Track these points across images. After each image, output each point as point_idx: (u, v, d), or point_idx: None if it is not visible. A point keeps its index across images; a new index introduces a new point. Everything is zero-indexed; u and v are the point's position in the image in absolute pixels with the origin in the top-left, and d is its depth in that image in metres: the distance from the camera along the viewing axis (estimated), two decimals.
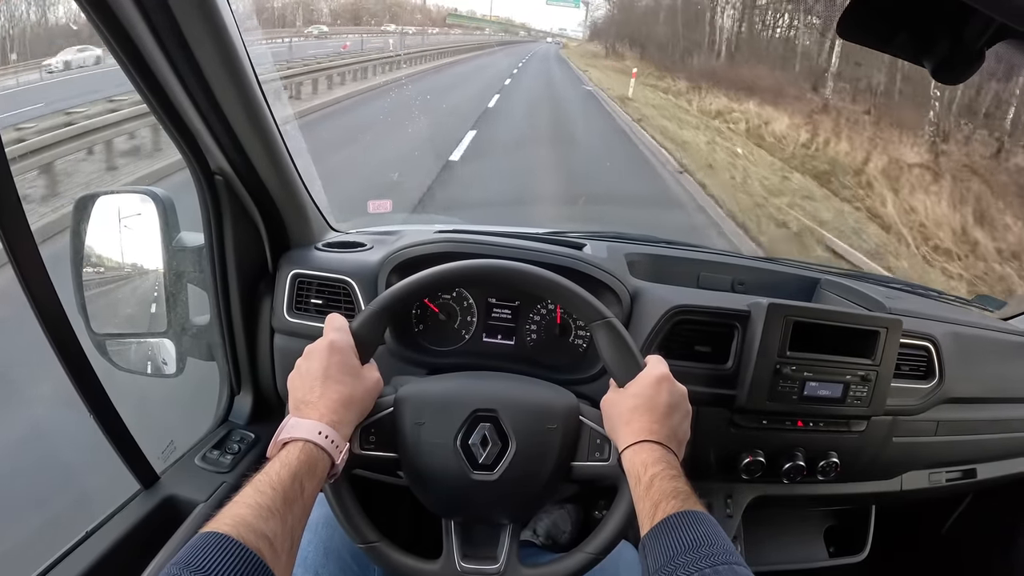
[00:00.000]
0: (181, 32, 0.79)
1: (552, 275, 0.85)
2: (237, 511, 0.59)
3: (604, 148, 9.45)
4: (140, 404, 1.21)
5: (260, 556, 0.56)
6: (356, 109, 10.76)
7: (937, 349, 1.16)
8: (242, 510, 0.59)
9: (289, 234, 1.15)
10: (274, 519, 0.60)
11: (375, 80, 13.91)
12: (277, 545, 0.59)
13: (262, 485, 0.62)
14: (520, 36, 61.18)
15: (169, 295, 1.10)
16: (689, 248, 1.40)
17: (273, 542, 0.58)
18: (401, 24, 38.06)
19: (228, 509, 0.60)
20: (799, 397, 1.04)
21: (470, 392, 0.84)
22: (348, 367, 0.76)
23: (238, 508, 0.59)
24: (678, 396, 0.79)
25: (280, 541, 0.59)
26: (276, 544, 0.58)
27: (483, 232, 1.21)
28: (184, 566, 0.53)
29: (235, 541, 0.55)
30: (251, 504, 0.60)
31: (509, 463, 0.79)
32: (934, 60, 0.55)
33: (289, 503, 0.62)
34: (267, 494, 0.61)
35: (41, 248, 0.80)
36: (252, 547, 0.56)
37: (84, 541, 0.90)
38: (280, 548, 0.59)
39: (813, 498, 1.27)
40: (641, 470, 0.72)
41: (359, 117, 10.10)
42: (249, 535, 0.57)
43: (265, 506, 0.60)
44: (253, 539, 0.57)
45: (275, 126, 1.00)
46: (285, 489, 0.63)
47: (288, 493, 0.63)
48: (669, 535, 0.65)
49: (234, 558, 0.54)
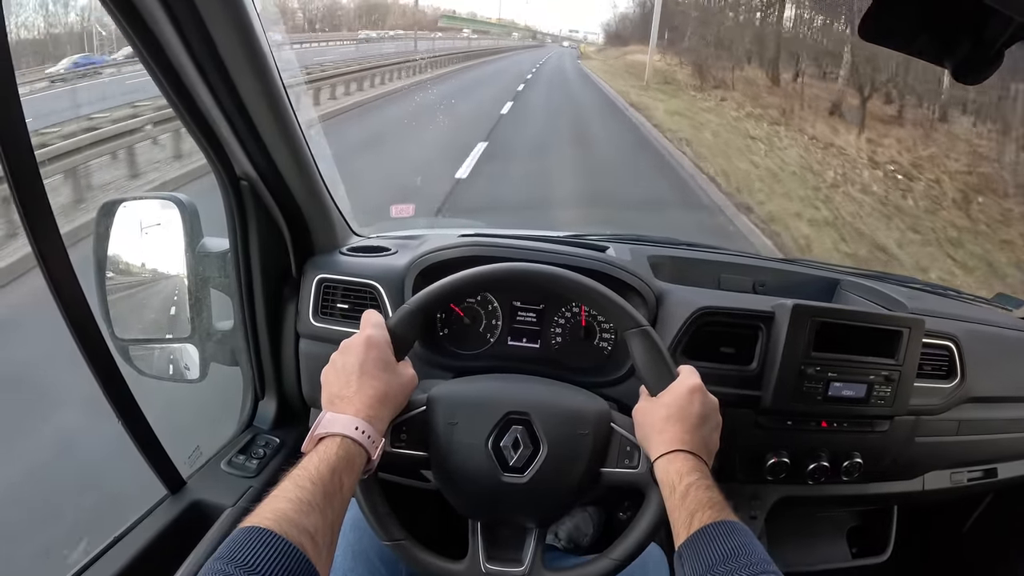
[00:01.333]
0: (210, 36, 0.80)
1: (587, 280, 0.85)
2: (277, 505, 0.59)
3: None
4: (165, 409, 1.21)
5: (303, 550, 0.56)
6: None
7: (959, 348, 1.16)
8: (283, 504, 0.59)
9: (313, 239, 1.15)
10: (315, 513, 0.60)
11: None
12: (319, 540, 0.58)
13: (301, 480, 0.62)
14: (515, 41, 58.42)
15: (193, 300, 1.10)
16: (709, 250, 1.40)
17: (315, 536, 0.58)
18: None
19: (268, 503, 0.59)
20: (823, 398, 1.04)
21: (504, 394, 0.84)
22: (384, 363, 0.76)
23: (278, 503, 0.59)
24: (710, 407, 0.80)
25: (321, 536, 0.59)
26: (318, 539, 0.58)
27: (506, 235, 1.21)
28: (228, 561, 0.53)
29: (277, 535, 0.55)
30: (291, 499, 0.60)
31: (540, 467, 0.79)
32: (955, 61, 0.55)
33: (329, 498, 0.62)
34: (307, 488, 0.61)
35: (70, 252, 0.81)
36: (295, 541, 0.56)
37: (112, 546, 0.91)
38: (322, 543, 0.59)
39: (836, 499, 1.26)
40: (676, 479, 0.72)
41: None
42: (291, 529, 0.57)
43: (306, 500, 0.60)
44: (295, 533, 0.57)
45: (300, 131, 1.00)
46: (325, 484, 0.63)
47: (328, 488, 0.63)
48: (707, 545, 0.65)
49: (277, 552, 0.54)
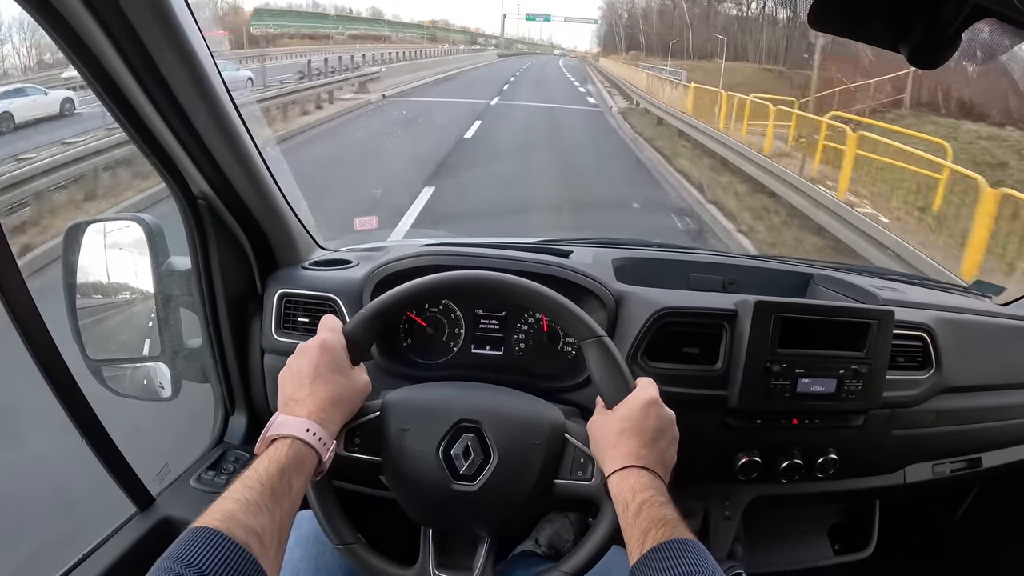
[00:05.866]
0: (152, 59, 0.81)
1: (541, 288, 0.85)
2: (225, 506, 0.60)
3: None
4: (135, 427, 1.22)
5: (249, 550, 0.57)
6: None
7: (932, 338, 1.15)
8: (230, 505, 0.60)
9: (276, 254, 1.16)
10: (262, 514, 0.60)
11: None
12: (265, 539, 0.59)
13: (250, 481, 0.63)
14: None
15: (161, 319, 1.11)
16: (679, 250, 1.39)
17: (262, 536, 0.59)
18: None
19: (217, 504, 0.60)
20: (792, 394, 1.03)
21: (456, 402, 0.84)
22: (338, 367, 0.77)
23: (226, 503, 0.60)
24: (666, 421, 0.79)
25: (268, 536, 0.60)
26: (264, 538, 0.59)
27: (469, 244, 1.21)
28: (174, 560, 0.54)
29: (224, 535, 0.56)
30: (239, 499, 0.60)
31: (490, 475, 0.79)
32: (910, 45, 0.54)
33: (277, 498, 0.63)
34: (255, 489, 0.62)
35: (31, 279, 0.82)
36: (241, 541, 0.57)
37: (80, 564, 0.92)
38: (268, 542, 0.59)
39: (814, 496, 1.25)
40: (629, 496, 0.71)
41: None
42: (238, 530, 0.57)
43: (253, 501, 0.61)
44: (242, 533, 0.57)
45: (255, 148, 1.01)
46: (273, 485, 0.63)
47: (276, 488, 0.63)
48: (659, 564, 0.64)
49: (223, 552, 0.55)
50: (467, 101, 15.88)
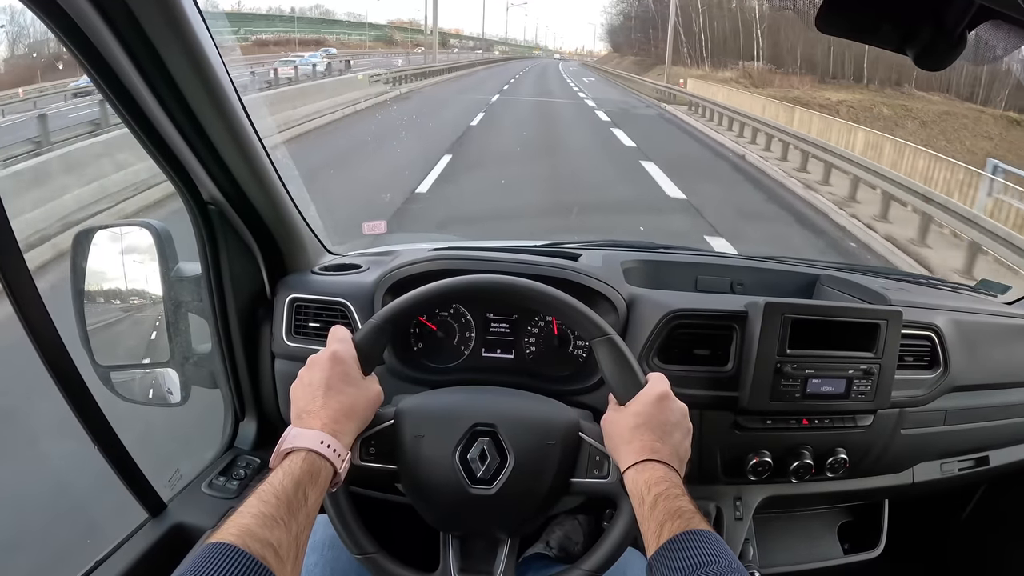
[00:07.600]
0: (163, 63, 0.80)
1: (551, 290, 0.85)
2: (241, 521, 0.59)
3: None
4: (146, 433, 1.21)
5: (266, 564, 0.57)
6: None
7: (940, 338, 1.15)
8: (246, 520, 0.60)
9: (285, 260, 1.16)
10: (279, 528, 0.60)
11: None
12: (282, 553, 0.59)
13: (266, 495, 0.63)
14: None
15: (170, 325, 1.11)
16: (687, 252, 1.40)
17: (278, 550, 0.59)
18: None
19: (232, 519, 0.60)
20: (802, 395, 1.03)
21: (470, 406, 0.84)
22: (350, 377, 0.77)
23: (242, 518, 0.60)
24: (679, 414, 0.79)
25: (285, 549, 0.60)
26: (281, 552, 0.59)
27: (478, 247, 1.21)
28: (191, 575, 0.54)
29: (240, 550, 0.56)
30: (255, 513, 0.60)
31: (507, 478, 0.79)
32: (917, 47, 0.55)
33: (293, 511, 0.63)
34: (271, 503, 0.62)
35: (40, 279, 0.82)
36: (257, 556, 0.56)
37: (94, 570, 0.91)
38: (285, 556, 0.59)
39: (824, 495, 1.25)
40: (644, 490, 0.71)
41: None
42: (254, 544, 0.57)
43: (269, 515, 0.61)
44: (258, 548, 0.57)
45: (265, 153, 1.01)
46: (289, 498, 0.63)
47: (292, 502, 0.63)
48: (676, 556, 0.65)
49: (241, 567, 0.55)
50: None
